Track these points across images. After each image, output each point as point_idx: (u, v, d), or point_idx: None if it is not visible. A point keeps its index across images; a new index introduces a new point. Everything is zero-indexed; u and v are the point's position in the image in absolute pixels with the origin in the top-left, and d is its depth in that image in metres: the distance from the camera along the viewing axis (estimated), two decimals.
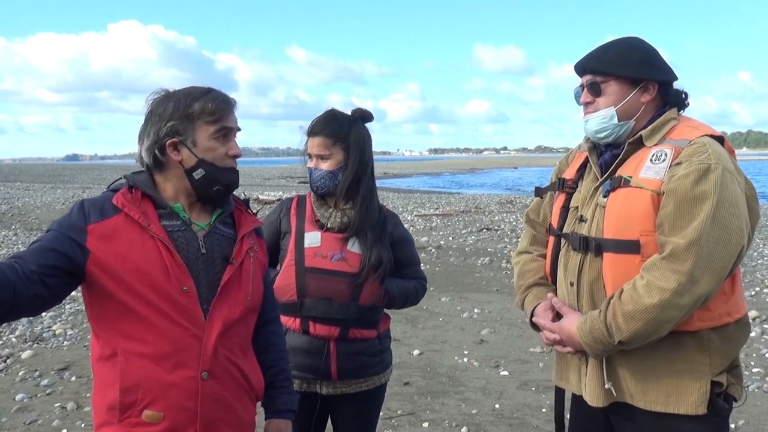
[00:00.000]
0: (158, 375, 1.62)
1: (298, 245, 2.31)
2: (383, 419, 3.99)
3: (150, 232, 1.65)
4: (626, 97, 1.88)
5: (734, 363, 1.84)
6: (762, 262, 9.80)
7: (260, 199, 19.63)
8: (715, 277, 1.69)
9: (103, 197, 1.70)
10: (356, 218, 2.32)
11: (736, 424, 4.10)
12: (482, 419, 4.27)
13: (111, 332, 1.64)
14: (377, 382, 2.43)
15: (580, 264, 1.89)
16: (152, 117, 1.72)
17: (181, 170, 1.72)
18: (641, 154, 1.85)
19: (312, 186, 2.37)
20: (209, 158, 1.72)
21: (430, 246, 11.59)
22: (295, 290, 2.28)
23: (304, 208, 2.40)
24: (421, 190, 35.92)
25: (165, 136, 1.70)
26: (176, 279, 1.64)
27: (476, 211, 18.27)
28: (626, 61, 1.88)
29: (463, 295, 7.95)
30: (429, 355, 5.64)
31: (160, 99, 1.75)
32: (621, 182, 1.82)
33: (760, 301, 7.38)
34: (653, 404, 1.81)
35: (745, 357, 5.40)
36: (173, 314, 1.64)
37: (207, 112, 1.71)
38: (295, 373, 2.30)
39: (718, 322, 1.79)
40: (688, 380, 1.78)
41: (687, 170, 1.72)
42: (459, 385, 4.90)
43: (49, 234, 1.63)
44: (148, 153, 1.71)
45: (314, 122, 2.36)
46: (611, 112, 1.89)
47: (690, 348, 1.78)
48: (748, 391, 4.67)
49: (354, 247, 2.31)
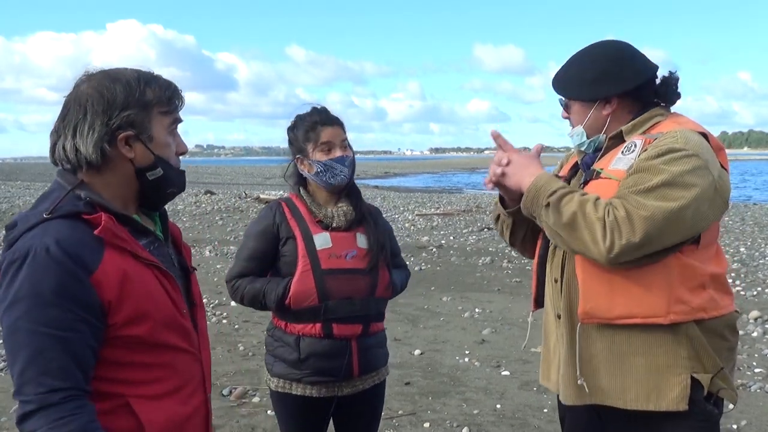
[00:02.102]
0: (177, 411, 1.45)
1: (309, 249, 2.26)
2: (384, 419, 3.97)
3: (142, 260, 1.39)
4: (587, 114, 1.94)
5: (717, 365, 1.80)
6: (764, 262, 9.76)
7: (261, 198, 19.60)
8: (648, 234, 1.62)
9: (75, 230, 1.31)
10: (359, 210, 2.35)
11: (739, 425, 4.08)
12: (483, 419, 4.26)
13: (111, 381, 1.36)
14: (384, 374, 2.47)
15: (563, 260, 1.91)
16: (95, 102, 1.37)
17: (130, 169, 1.43)
18: (617, 149, 1.87)
19: (348, 174, 2.31)
20: (165, 156, 1.46)
21: (431, 245, 11.57)
22: (316, 294, 2.24)
23: (298, 210, 2.34)
24: (422, 189, 35.90)
25: (118, 128, 1.38)
26: (178, 304, 1.47)
27: (477, 210, 18.24)
28: (581, 82, 1.93)
29: (465, 294, 7.93)
30: (430, 354, 5.63)
31: (99, 79, 1.41)
32: (593, 175, 1.86)
33: (762, 301, 7.35)
34: (633, 402, 1.79)
35: (747, 357, 5.39)
36: (181, 343, 1.47)
37: (162, 100, 1.44)
38: (315, 379, 2.29)
39: (693, 315, 1.76)
40: (668, 375, 1.77)
41: (649, 153, 1.73)
42: (460, 385, 4.89)
43: (53, 325, 1.24)
44: (95, 149, 1.36)
45: (324, 113, 2.34)
46: (580, 130, 1.97)
47: (667, 341, 1.77)
48: (750, 391, 4.66)
49: (362, 242, 2.33)
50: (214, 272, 8.90)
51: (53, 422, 1.23)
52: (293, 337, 2.30)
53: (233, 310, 6.95)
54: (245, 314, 6.72)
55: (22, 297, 1.25)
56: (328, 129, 2.30)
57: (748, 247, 11.21)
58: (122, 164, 1.42)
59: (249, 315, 6.69)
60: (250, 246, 2.37)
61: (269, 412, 4.19)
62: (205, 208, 17.19)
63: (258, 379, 4.88)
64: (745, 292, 7.70)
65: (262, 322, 6.40)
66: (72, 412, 1.24)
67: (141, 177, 1.44)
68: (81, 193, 1.37)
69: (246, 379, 4.92)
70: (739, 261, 9.73)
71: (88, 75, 1.43)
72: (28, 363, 1.24)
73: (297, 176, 2.41)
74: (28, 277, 1.25)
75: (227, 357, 5.46)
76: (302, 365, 2.28)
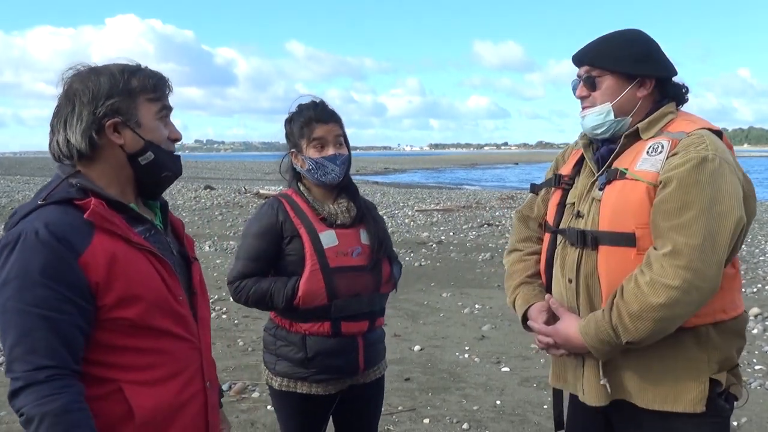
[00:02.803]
0: (171, 398, 1.47)
1: (317, 247, 2.23)
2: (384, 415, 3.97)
3: (135, 244, 1.42)
4: (622, 92, 1.85)
5: (733, 362, 1.82)
6: (764, 259, 9.77)
7: (261, 193, 19.58)
8: (717, 269, 1.66)
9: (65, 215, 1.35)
10: (359, 206, 2.34)
11: (739, 422, 4.08)
12: (483, 415, 4.25)
13: (106, 366, 1.40)
14: (383, 367, 2.47)
15: (578, 260, 1.87)
16: (80, 96, 1.43)
17: (122, 156, 1.47)
18: (638, 147, 1.83)
19: (339, 173, 2.28)
20: (156, 140, 1.50)
21: (430, 241, 11.57)
22: (325, 293, 2.21)
23: (299, 207, 2.29)
24: (422, 185, 35.87)
25: (104, 116, 1.43)
26: (173, 290, 1.49)
27: (477, 206, 18.23)
28: (623, 56, 1.85)
29: (464, 290, 7.93)
30: (430, 350, 5.62)
31: (85, 74, 1.47)
32: (617, 175, 1.80)
33: (762, 297, 7.35)
34: (651, 403, 1.79)
35: (747, 354, 5.38)
36: (176, 329, 1.49)
37: (148, 88, 1.49)
38: (322, 377, 2.27)
39: (713, 318, 1.76)
40: (687, 378, 1.76)
41: (683, 159, 1.70)
42: (460, 381, 4.88)
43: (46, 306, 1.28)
44: (83, 138, 1.42)
45: (319, 108, 2.30)
46: (607, 108, 1.87)
47: (688, 345, 1.76)
48: (750, 388, 4.66)
49: (365, 238, 2.32)
50: (214, 267, 8.90)
51: (39, 399, 1.26)
52: (299, 336, 2.26)
53: (233, 305, 6.95)
54: (245, 309, 6.71)
55: (12, 278, 1.31)
56: (323, 126, 2.26)
57: (748, 244, 11.20)
58: (113, 151, 1.47)
59: (249, 310, 6.68)
60: (251, 245, 2.30)
61: (269, 407, 4.18)
62: (204, 203, 17.18)
63: (258, 374, 4.87)
64: (745, 289, 7.70)
65: (262, 317, 6.39)
66: (58, 391, 1.28)
67: (133, 162, 1.49)
68: (74, 181, 1.42)
69: (246, 375, 4.92)
70: (740, 258, 9.72)
71: (77, 71, 1.49)
72: (16, 341, 1.29)
73: (293, 171, 2.37)
74: (18, 259, 1.31)
75: (227, 352, 5.45)
76: (309, 364, 2.26)
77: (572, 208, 1.95)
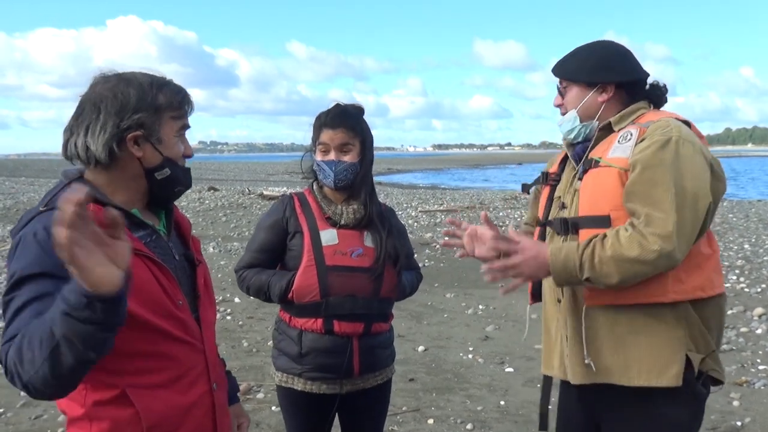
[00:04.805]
0: (176, 401, 1.50)
1: (315, 244, 2.28)
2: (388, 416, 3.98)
3: (133, 251, 1.39)
4: (584, 98, 2.03)
5: (710, 347, 1.90)
6: None
7: (264, 194, 19.62)
8: (687, 243, 1.77)
9: None
10: (368, 211, 2.35)
11: (743, 422, 4.08)
12: (487, 416, 4.26)
13: (110, 371, 1.41)
14: (389, 374, 2.47)
15: None
16: (108, 104, 1.45)
17: (139, 169, 1.50)
18: (611, 138, 1.97)
19: (334, 179, 2.31)
20: (173, 157, 1.54)
21: (434, 242, 11.57)
22: (318, 290, 2.26)
23: (308, 205, 2.37)
24: (426, 185, 35.87)
25: (128, 129, 1.45)
26: (172, 295, 1.50)
27: (481, 207, 18.23)
28: (583, 67, 2.03)
29: (468, 291, 7.94)
30: (434, 351, 5.64)
31: (114, 82, 1.48)
32: (592, 164, 1.94)
33: (766, 297, 7.32)
34: (635, 378, 1.87)
35: (752, 354, 5.38)
36: (177, 333, 1.51)
37: (174, 105, 1.52)
38: (315, 375, 2.30)
39: (691, 295, 1.85)
40: (667, 352, 1.85)
41: (649, 143, 1.82)
42: (464, 382, 4.89)
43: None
44: (104, 148, 1.44)
45: (330, 114, 2.34)
46: (574, 114, 2.05)
47: (668, 319, 1.85)
48: (755, 388, 4.65)
49: (369, 242, 2.34)
50: (218, 268, 8.92)
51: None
52: (296, 331, 2.32)
53: (237, 306, 6.97)
54: (249, 310, 6.74)
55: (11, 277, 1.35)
56: (329, 131, 2.31)
57: (752, 243, 11.18)
58: (131, 163, 1.50)
59: (253, 311, 6.71)
60: (260, 237, 2.41)
61: (274, 408, 4.20)
62: (208, 205, 17.21)
63: (262, 375, 4.89)
64: (750, 289, 7.69)
65: (266, 318, 6.41)
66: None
67: (149, 176, 1.52)
68: (77, 186, 1.39)
69: (250, 376, 4.93)
70: (744, 258, 9.70)
71: (104, 77, 1.50)
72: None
73: (311, 170, 2.44)
74: (17, 259, 1.36)
75: (231, 353, 5.47)
76: (303, 360, 2.30)
77: (558, 200, 2.08)
